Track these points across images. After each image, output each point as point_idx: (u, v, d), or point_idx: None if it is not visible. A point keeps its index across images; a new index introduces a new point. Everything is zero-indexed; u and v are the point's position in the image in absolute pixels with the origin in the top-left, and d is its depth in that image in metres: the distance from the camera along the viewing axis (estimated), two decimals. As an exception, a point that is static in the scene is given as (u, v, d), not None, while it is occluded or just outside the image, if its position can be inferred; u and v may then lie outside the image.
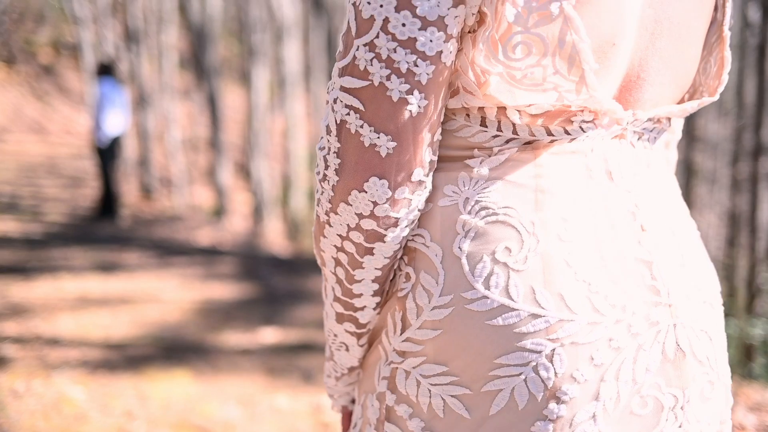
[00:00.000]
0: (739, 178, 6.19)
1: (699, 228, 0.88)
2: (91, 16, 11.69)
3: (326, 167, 0.71)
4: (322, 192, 0.73)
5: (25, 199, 8.58)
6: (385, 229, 0.71)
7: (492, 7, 0.65)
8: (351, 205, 0.70)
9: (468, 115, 0.72)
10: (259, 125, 9.55)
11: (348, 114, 0.68)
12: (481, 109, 0.71)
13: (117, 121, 7.21)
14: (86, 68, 11.34)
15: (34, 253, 5.81)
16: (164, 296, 4.81)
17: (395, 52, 0.65)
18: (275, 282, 5.58)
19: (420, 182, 0.70)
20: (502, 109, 0.71)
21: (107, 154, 7.27)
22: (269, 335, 4.15)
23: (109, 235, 6.84)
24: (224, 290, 5.14)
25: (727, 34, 0.82)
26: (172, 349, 3.76)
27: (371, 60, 0.66)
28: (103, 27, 10.97)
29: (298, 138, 10.46)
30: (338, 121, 0.69)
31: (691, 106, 0.79)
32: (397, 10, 0.64)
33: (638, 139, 0.77)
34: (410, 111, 0.67)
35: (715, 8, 0.82)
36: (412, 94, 0.66)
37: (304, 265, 6.46)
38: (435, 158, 0.72)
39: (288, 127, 10.08)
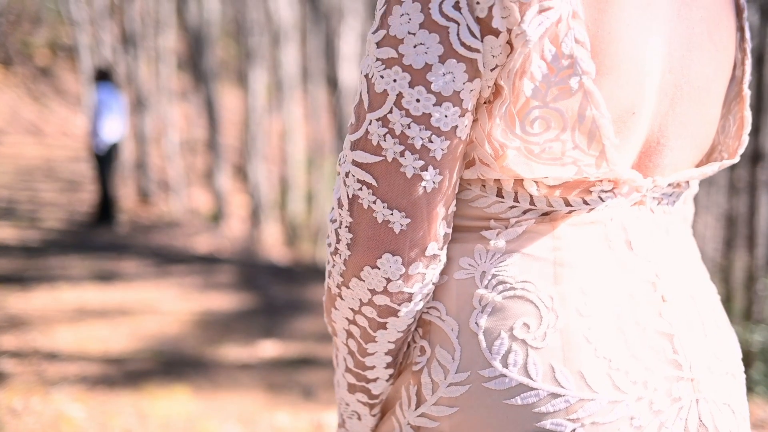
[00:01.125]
0: (737, 186, 6.18)
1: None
2: (88, 18, 11.62)
3: (338, 241, 0.69)
4: (334, 265, 0.71)
5: (23, 204, 8.54)
6: (399, 305, 0.69)
7: (509, 81, 0.63)
8: (363, 281, 0.68)
9: (484, 185, 0.70)
10: (256, 128, 9.52)
11: (360, 189, 0.66)
12: (497, 180, 0.69)
13: (115, 127, 7.17)
14: (83, 70, 11.28)
15: (31, 262, 5.77)
16: (163, 307, 4.78)
17: (409, 128, 0.63)
18: (274, 291, 5.55)
19: (434, 256, 0.68)
20: (518, 181, 0.69)
21: (105, 159, 7.24)
22: (269, 348, 4.12)
23: (106, 243, 6.80)
24: (223, 301, 5.10)
25: (746, 93, 0.80)
26: (172, 364, 3.73)
27: (384, 135, 0.64)
28: (100, 30, 10.92)
29: (296, 141, 10.43)
30: (350, 196, 0.67)
31: (711, 170, 0.77)
32: (411, 85, 0.63)
33: (657, 204, 0.76)
34: (424, 187, 0.65)
35: (734, 65, 0.80)
36: (427, 170, 0.64)
37: (303, 274, 6.44)
38: (449, 231, 0.70)
39: (286, 129, 10.05)
